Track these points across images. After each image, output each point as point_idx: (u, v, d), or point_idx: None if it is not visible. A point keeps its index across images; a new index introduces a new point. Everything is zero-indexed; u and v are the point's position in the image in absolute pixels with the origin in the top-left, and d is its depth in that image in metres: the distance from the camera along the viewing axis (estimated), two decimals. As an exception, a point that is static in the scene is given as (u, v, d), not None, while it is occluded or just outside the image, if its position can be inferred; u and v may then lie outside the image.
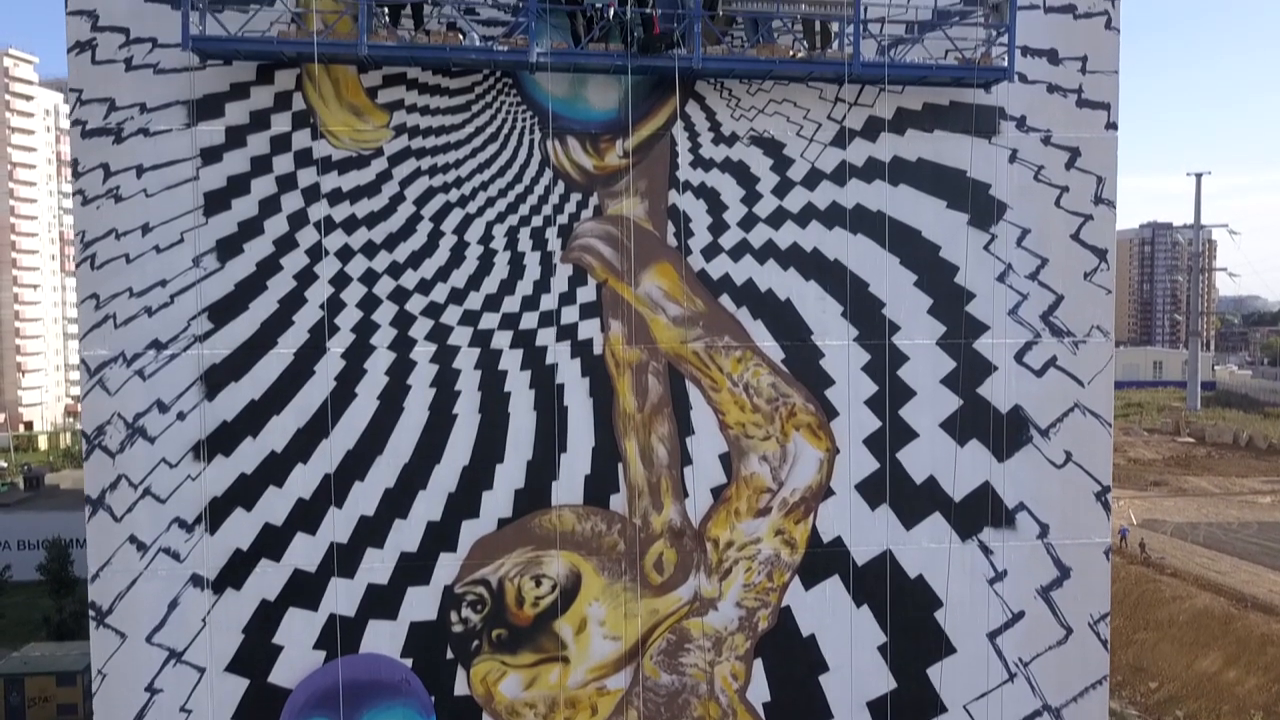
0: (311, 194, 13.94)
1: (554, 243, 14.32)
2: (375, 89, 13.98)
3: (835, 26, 13.99)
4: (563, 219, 14.33)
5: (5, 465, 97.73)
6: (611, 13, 13.36)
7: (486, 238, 14.23)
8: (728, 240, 14.55)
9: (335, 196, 13.99)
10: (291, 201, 13.93)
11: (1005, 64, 13.92)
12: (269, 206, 13.90)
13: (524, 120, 14.19)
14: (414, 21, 13.55)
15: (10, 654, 43.23)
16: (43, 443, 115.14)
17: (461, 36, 13.44)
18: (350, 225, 14.02)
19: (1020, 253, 14.87)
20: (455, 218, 14.18)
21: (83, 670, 34.12)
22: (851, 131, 14.60)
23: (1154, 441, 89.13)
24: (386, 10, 13.50)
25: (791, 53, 13.85)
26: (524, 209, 14.27)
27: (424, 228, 14.13)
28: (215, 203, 13.81)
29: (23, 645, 48.56)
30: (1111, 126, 14.88)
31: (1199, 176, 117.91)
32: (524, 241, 14.28)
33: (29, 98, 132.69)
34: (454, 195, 14.16)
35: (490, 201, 14.21)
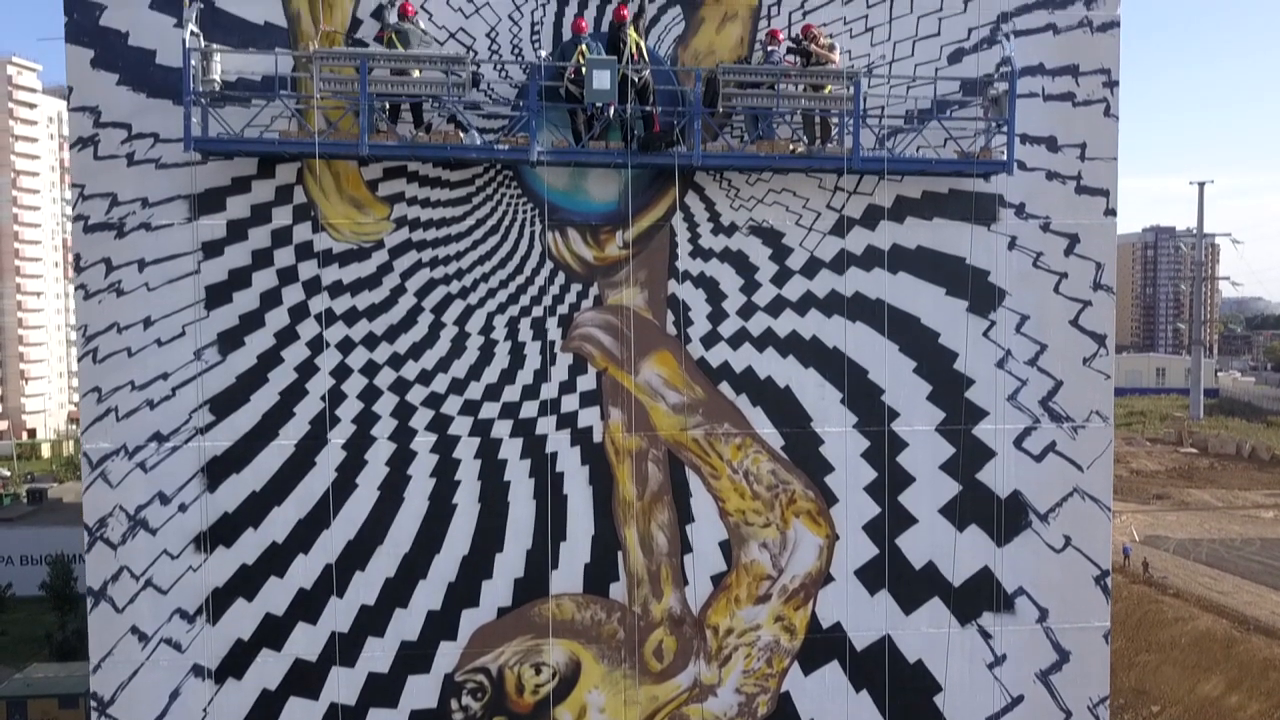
0: (312, 286, 14.00)
1: (554, 332, 14.38)
2: (376, 182, 14.03)
3: (835, 120, 14.00)
4: (563, 309, 14.39)
5: (9, 474, 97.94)
6: (612, 111, 13.40)
7: (487, 328, 14.28)
8: (727, 328, 14.60)
9: (336, 289, 14.04)
10: (293, 294, 13.99)
11: (1005, 157, 13.93)
12: (270, 299, 13.96)
13: (524, 212, 14.24)
14: (414, 119, 13.59)
15: (13, 675, 43.39)
16: (46, 450, 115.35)
17: (462, 134, 13.48)
18: (351, 317, 14.07)
19: (1019, 339, 14.91)
20: (456, 309, 14.23)
21: (85, 693, 34.24)
22: (850, 220, 14.64)
23: (1156, 452, 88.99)
24: (386, 107, 13.53)
25: (792, 147, 13.88)
26: (524, 299, 14.32)
27: (425, 319, 14.19)
28: (217, 296, 13.87)
29: (25, 664, 48.72)
30: (1110, 213, 14.91)
31: (1201, 185, 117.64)
32: (524, 331, 14.34)
33: (32, 105, 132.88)
34: (455, 287, 14.21)
35: (491, 292, 14.27)
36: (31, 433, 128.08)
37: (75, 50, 13.56)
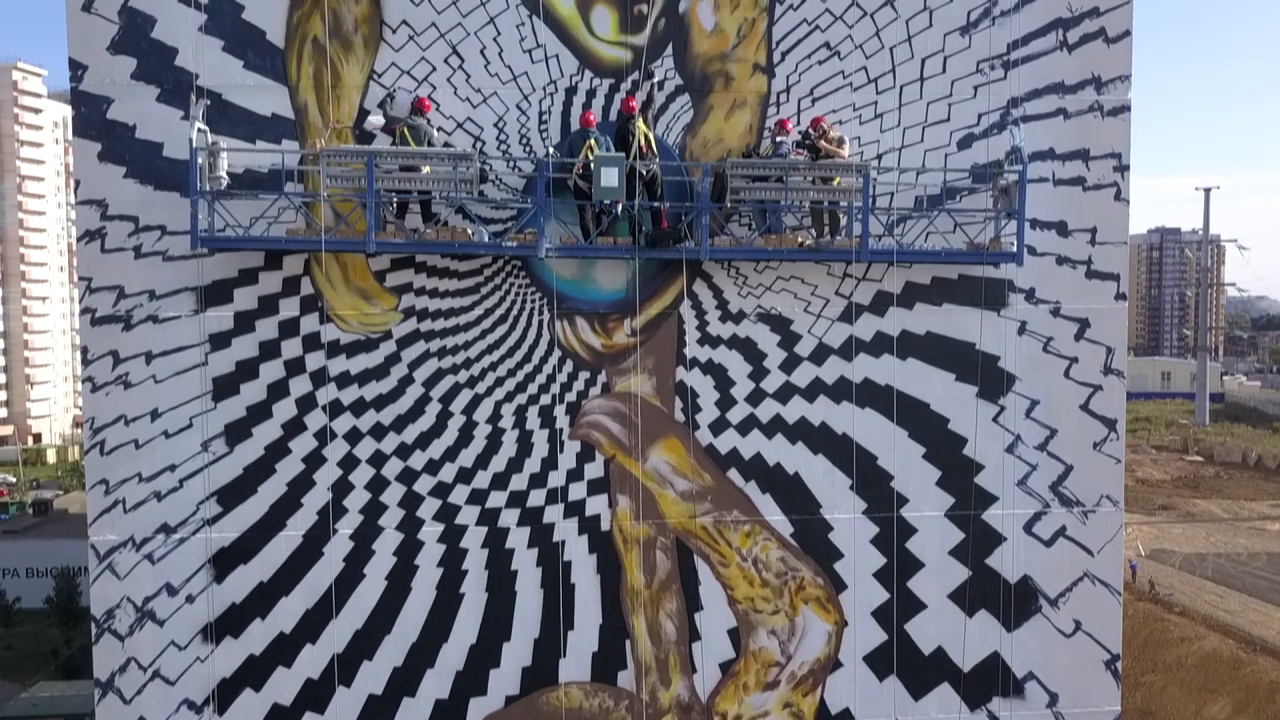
0: (319, 378, 13.96)
1: (562, 420, 14.33)
2: (384, 272, 13.99)
3: (843, 212, 13.94)
4: (571, 397, 14.34)
5: (14, 480, 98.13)
6: (620, 208, 13.35)
7: (495, 417, 14.24)
8: (735, 415, 14.55)
9: (344, 380, 14.00)
10: (300, 385, 13.96)
11: (1015, 248, 13.86)
12: (278, 391, 13.92)
13: (532, 301, 14.20)
14: (423, 214, 13.55)
15: (19, 694, 43.46)
16: (51, 456, 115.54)
17: (470, 230, 13.43)
18: (359, 408, 14.04)
19: (1029, 424, 14.84)
20: (464, 398, 14.19)
21: (90, 713, 34.29)
22: (859, 307, 14.58)
23: (1162, 460, 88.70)
24: (394, 203, 13.48)
25: (800, 240, 13.82)
26: (532, 388, 14.28)
27: (432, 409, 14.14)
28: (224, 388, 13.84)
29: (31, 680, 48.81)
30: (1121, 297, 14.84)
31: (1207, 191, 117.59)
32: (532, 420, 14.30)
33: (37, 110, 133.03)
34: (463, 376, 14.17)
35: (499, 381, 14.22)
36: (37, 437, 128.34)
37: (82, 144, 13.52)
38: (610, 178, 13.07)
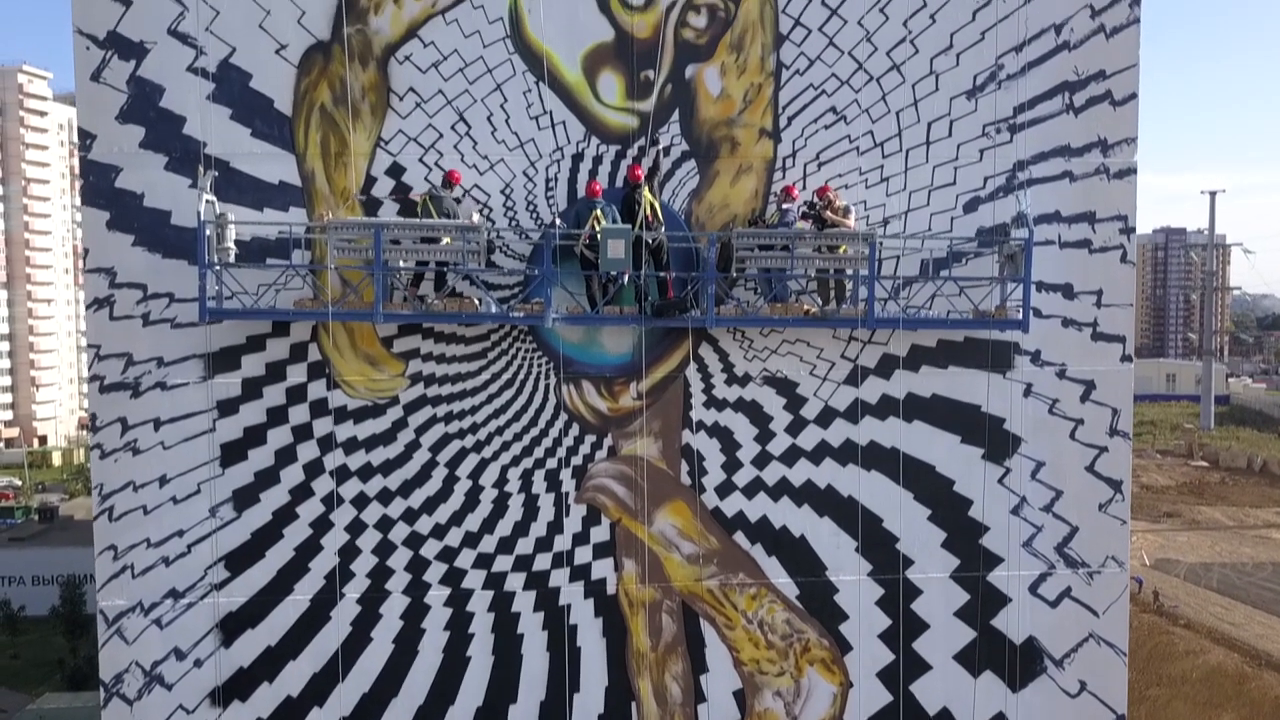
0: (327, 443, 14.02)
1: (568, 484, 14.38)
2: (391, 338, 14.04)
3: (849, 280, 13.97)
4: (577, 460, 14.39)
5: (20, 484, 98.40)
6: (626, 278, 13.39)
7: (501, 481, 14.29)
8: (741, 478, 14.59)
9: (351, 445, 14.06)
10: (307, 451, 14.02)
11: (1020, 316, 13.88)
12: (285, 456, 13.98)
13: (539, 365, 14.24)
14: (435, 283, 13.61)
15: (26, 705, 43.70)
16: (56, 459, 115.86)
17: (478, 302, 13.49)
18: (366, 473, 14.10)
19: (1035, 485, 14.86)
20: (470, 463, 14.24)
21: (96, 725, 34.42)
22: (865, 370, 14.60)
23: (1167, 465, 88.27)
24: (403, 275, 13.53)
25: (805, 309, 13.85)
26: (538, 452, 14.33)
27: (439, 473, 14.20)
28: (232, 454, 13.90)
29: (37, 689, 49.05)
30: (1126, 359, 14.83)
31: (1213, 195, 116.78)
32: (538, 484, 14.35)
33: (43, 113, 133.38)
34: (469, 441, 14.22)
35: (505, 446, 14.27)
36: (42, 439, 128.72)
37: (91, 212, 13.59)
38: (617, 249, 13.11)
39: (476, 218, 13.73)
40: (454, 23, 13.81)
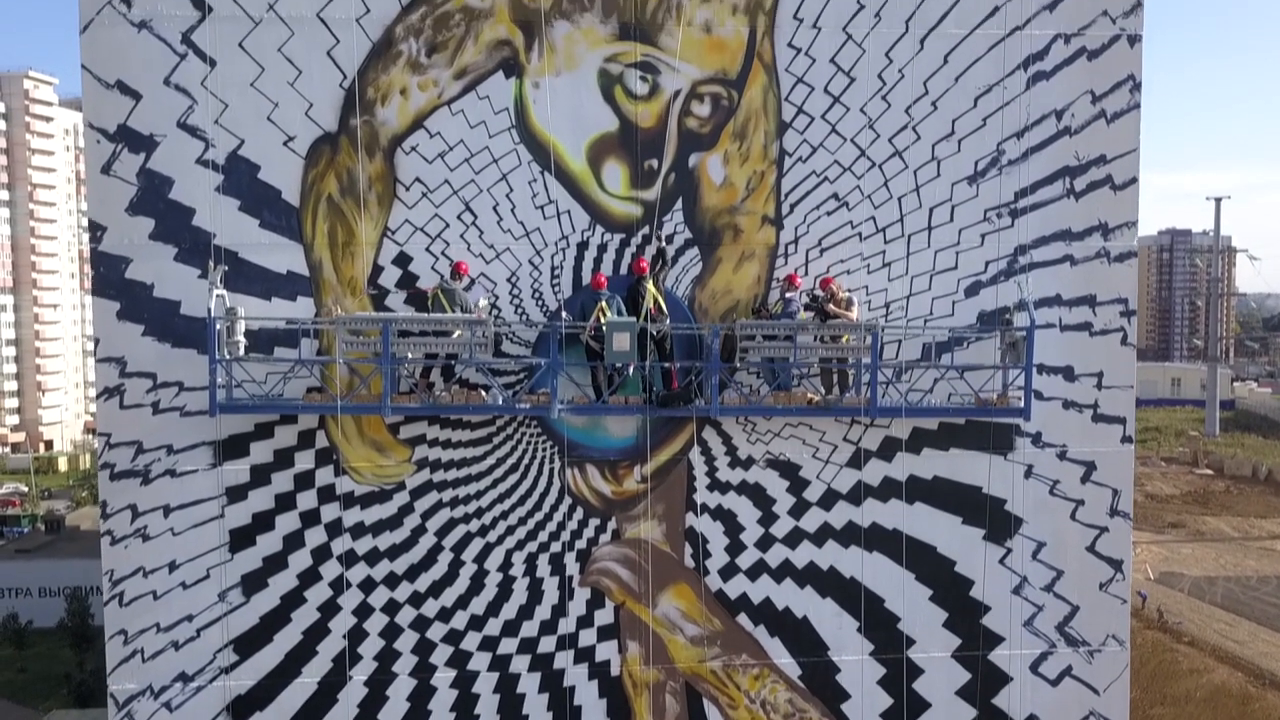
0: (334, 529, 14.19)
1: (572, 567, 14.54)
2: (398, 425, 14.19)
3: (852, 369, 14.10)
4: (581, 544, 14.54)
5: (27, 490, 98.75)
6: (631, 370, 13.54)
7: (506, 565, 14.46)
8: (745, 560, 14.74)
9: (358, 530, 14.23)
10: (315, 536, 14.19)
11: (1022, 403, 14.00)
12: (293, 542, 14.15)
13: (544, 450, 14.39)
14: (443, 375, 13.77)
15: (33, 723, 43.90)
16: (62, 464, 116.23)
17: (484, 394, 13.64)
18: (373, 558, 14.26)
19: (1036, 565, 15.00)
20: (475, 547, 14.41)
21: (104, 744, 34.60)
22: (867, 452, 14.74)
23: (1171, 473, 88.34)
24: (411, 367, 13.70)
25: (809, 398, 13.98)
26: (543, 535, 14.49)
27: (445, 558, 14.37)
28: (240, 539, 14.07)
29: (44, 703, 49.25)
30: (1127, 440, 14.95)
31: (1218, 201, 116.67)
32: (543, 567, 14.51)
33: (48, 119, 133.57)
34: (474, 525, 14.38)
35: (510, 530, 14.44)
36: (48, 444, 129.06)
37: (102, 303, 13.75)
38: (622, 342, 13.26)
39: (483, 302, 13.88)
40: (460, 113, 13.96)
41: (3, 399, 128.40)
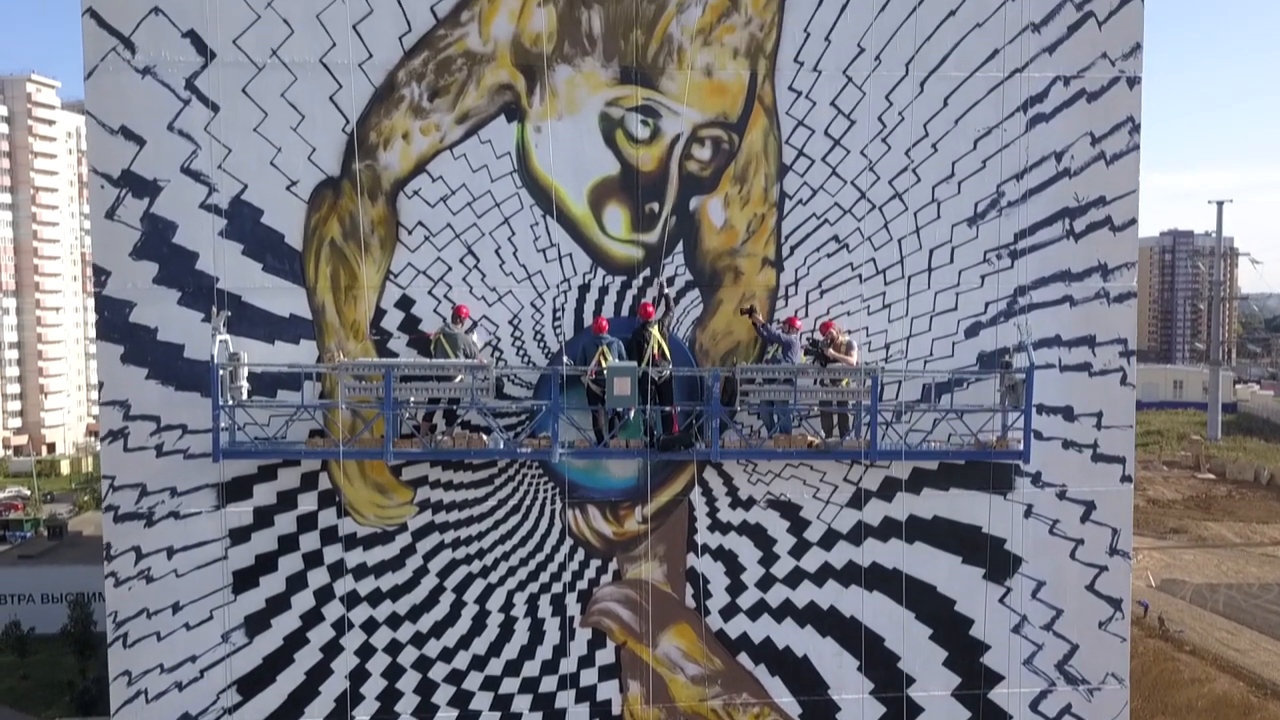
0: (337, 570, 14.27)
1: (573, 608, 14.62)
2: (400, 466, 14.25)
3: (852, 412, 14.17)
4: (582, 584, 14.62)
5: (30, 494, 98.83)
6: (632, 414, 13.61)
7: (507, 605, 14.54)
8: (745, 600, 14.82)
9: (360, 571, 14.31)
10: (318, 577, 14.27)
11: (1021, 447, 14.06)
12: (296, 583, 14.23)
13: (545, 491, 14.46)
14: (445, 418, 13.84)
15: (35, 732, 43.94)
16: (65, 467, 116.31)
17: (486, 438, 13.72)
18: (375, 598, 14.34)
19: (1035, 604, 15.06)
20: (477, 588, 14.49)
21: (108, 755, 34.65)
22: (868, 493, 14.80)
23: (1173, 478, 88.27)
24: (415, 413, 13.77)
25: (810, 441, 14.05)
26: (544, 576, 14.57)
27: (447, 598, 14.45)
28: (244, 581, 14.15)
29: (47, 713, 49.25)
30: (1126, 479, 15.01)
31: (1220, 205, 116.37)
32: (544, 608, 14.59)
33: (51, 122, 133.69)
34: (476, 566, 14.46)
35: (511, 570, 14.52)
36: (51, 447, 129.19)
37: (106, 346, 13.84)
38: (623, 387, 13.34)
39: (481, 338, 13.94)
40: (462, 157, 14.04)
41: (5, 401, 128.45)
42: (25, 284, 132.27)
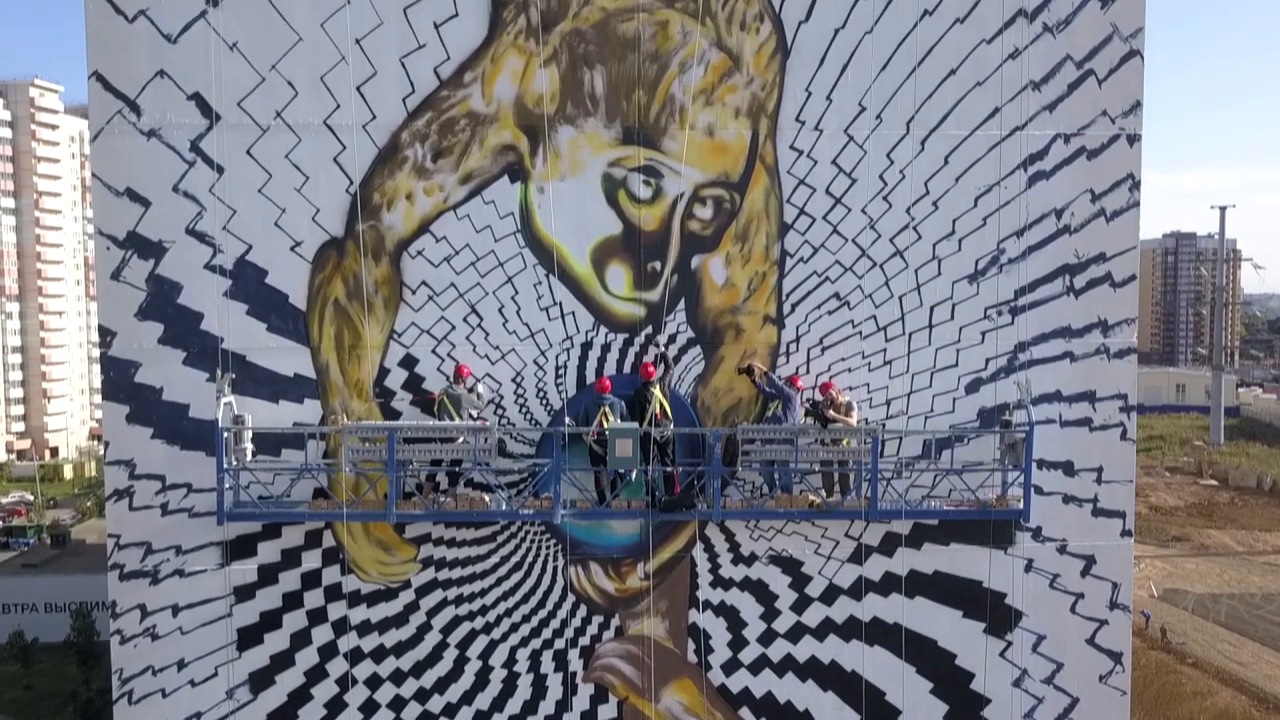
0: (341, 626, 14.37)
1: (576, 664, 14.69)
2: (403, 524, 14.32)
3: (852, 471, 14.25)
4: (584, 640, 14.69)
5: (33, 499, 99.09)
6: (634, 474, 13.69)
7: (510, 661, 14.63)
8: (747, 655, 14.90)
9: (364, 628, 14.40)
10: (322, 634, 14.36)
11: (1021, 506, 14.14)
12: (300, 639, 14.33)
13: (547, 548, 14.55)
14: (449, 479, 13.93)
15: (39, 744, 44.01)
16: (68, 472, 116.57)
17: (488, 499, 13.80)
18: (379, 655, 14.44)
19: (1036, 658, 15.12)
20: (480, 644, 14.57)
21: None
22: (869, 548, 14.87)
23: (1176, 484, 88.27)
24: (420, 474, 13.87)
25: (810, 501, 14.12)
26: (547, 633, 14.66)
27: (450, 654, 14.54)
28: (248, 638, 14.25)
29: (51, 723, 49.38)
30: (1126, 534, 15.07)
31: (1223, 210, 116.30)
32: (546, 664, 14.68)
33: (54, 127, 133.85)
34: (479, 623, 14.55)
35: (514, 627, 14.61)
36: (54, 451, 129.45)
37: (111, 407, 13.92)
38: (625, 449, 13.42)
39: (484, 396, 14.01)
40: (466, 218, 14.12)
41: (8, 406, 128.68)
42: (28, 288, 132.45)
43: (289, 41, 13.71)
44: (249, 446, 13.65)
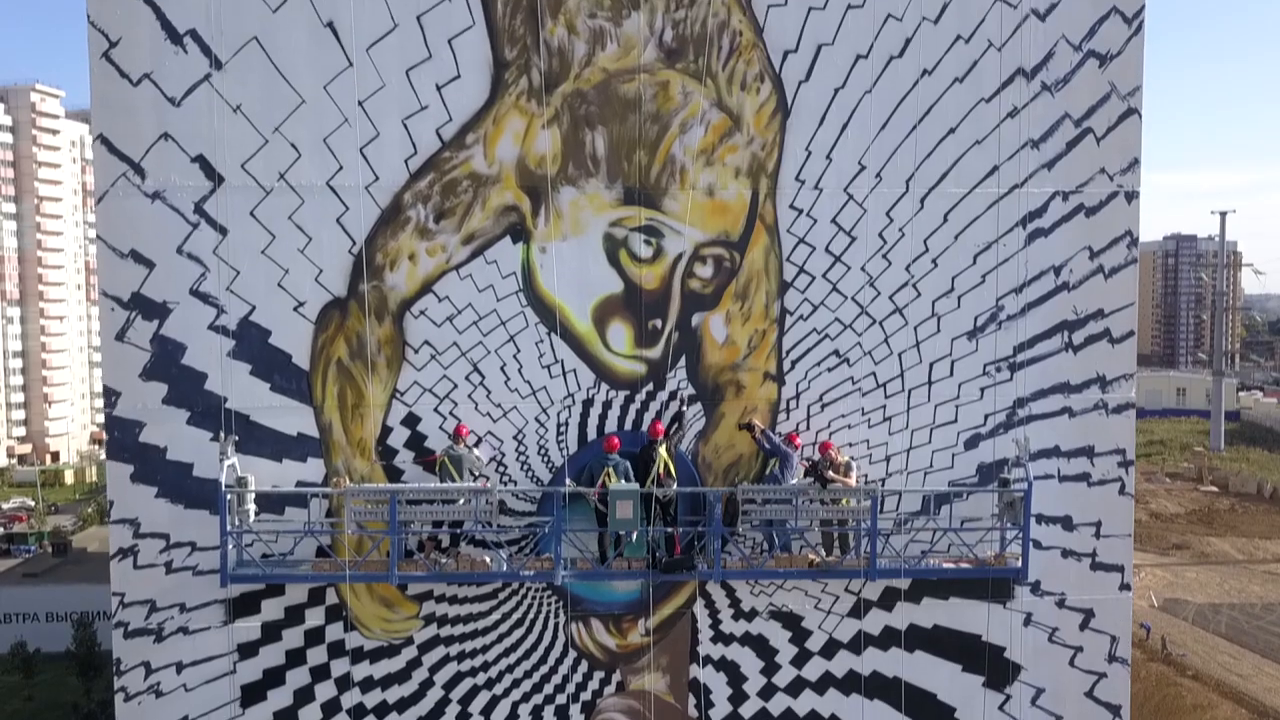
0: (344, 683, 14.45)
1: (577, 719, 14.76)
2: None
3: (852, 531, 14.34)
4: (586, 696, 14.78)
5: (34, 504, 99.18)
6: (635, 536, 13.78)
7: (512, 716, 14.74)
8: (748, 709, 14.99)
9: (367, 684, 14.50)
10: (325, 690, 14.46)
11: (1020, 563, 14.23)
12: (303, 696, 14.42)
13: (549, 605, 14.64)
14: (450, 539, 14.02)
15: (40, 756, 44.13)
16: (69, 477, 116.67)
17: (489, 560, 13.89)
18: (381, 711, 14.53)
19: (1035, 711, 15.21)
20: (482, 699, 14.67)
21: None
22: (868, 603, 14.96)
23: (1176, 490, 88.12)
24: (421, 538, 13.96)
25: (810, 560, 14.21)
26: (548, 688, 14.76)
27: (452, 710, 14.65)
28: (251, 694, 14.34)
29: (50, 736, 49.47)
30: (1125, 588, 15.16)
31: (1223, 215, 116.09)
32: (548, 719, 14.74)
33: (55, 131, 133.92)
34: (481, 679, 14.65)
35: (516, 683, 14.71)
36: (55, 455, 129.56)
37: (116, 467, 14.01)
38: (625, 510, 13.51)
39: (485, 454, 14.09)
40: (468, 278, 14.21)
41: (9, 410, 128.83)
42: (29, 293, 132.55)
43: (292, 104, 13.79)
44: (252, 507, 13.74)
